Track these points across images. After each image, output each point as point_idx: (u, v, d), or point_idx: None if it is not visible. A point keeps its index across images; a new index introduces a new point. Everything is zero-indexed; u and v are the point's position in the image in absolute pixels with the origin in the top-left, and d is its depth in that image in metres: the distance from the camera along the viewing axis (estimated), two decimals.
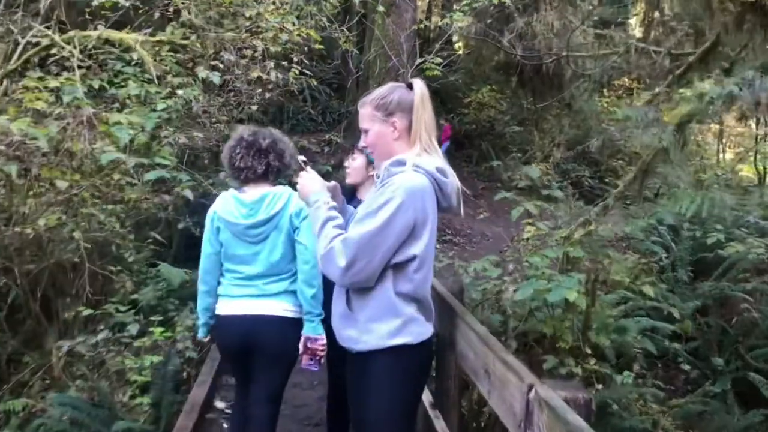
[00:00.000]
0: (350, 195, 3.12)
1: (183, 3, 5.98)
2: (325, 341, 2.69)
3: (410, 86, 2.12)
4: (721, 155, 12.53)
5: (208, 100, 5.93)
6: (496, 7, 9.38)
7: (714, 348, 5.71)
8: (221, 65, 6.03)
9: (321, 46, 6.88)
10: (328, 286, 2.32)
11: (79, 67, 5.22)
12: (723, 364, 5.36)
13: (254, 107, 6.08)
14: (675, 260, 6.38)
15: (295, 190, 2.47)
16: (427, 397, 3.11)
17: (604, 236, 3.94)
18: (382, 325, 1.97)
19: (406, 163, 1.98)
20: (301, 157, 2.30)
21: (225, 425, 4.06)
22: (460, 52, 15.21)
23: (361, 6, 9.02)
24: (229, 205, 2.73)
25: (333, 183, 2.20)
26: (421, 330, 2.02)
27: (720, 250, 6.16)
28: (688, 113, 3.58)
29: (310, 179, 2.14)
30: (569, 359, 3.46)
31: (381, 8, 7.42)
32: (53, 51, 5.35)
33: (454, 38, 14.30)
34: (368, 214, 1.91)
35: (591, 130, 14.78)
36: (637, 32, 13.24)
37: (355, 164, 3.19)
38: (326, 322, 2.55)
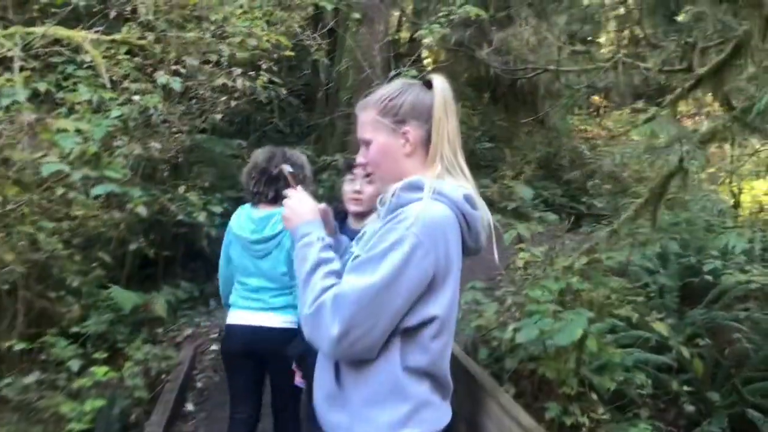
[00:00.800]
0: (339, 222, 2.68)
1: (142, 1, 5.48)
2: None
3: (428, 84, 1.62)
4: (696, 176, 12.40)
5: (167, 107, 5.42)
6: (473, 21, 9.08)
7: (707, 380, 5.38)
8: (183, 70, 5.55)
9: (292, 53, 6.43)
10: None
11: (23, 68, 4.70)
12: (719, 399, 5.03)
13: (218, 116, 5.58)
14: (663, 286, 6.06)
15: None
16: None
17: (609, 266, 3.59)
18: (384, 412, 1.45)
19: (423, 187, 1.48)
20: (288, 168, 1.82)
21: None
22: (429, 68, 14.94)
23: (333, 14, 8.63)
24: (242, 220, 2.97)
25: (323, 206, 1.71)
26: (435, 416, 1.51)
27: (708, 276, 5.88)
28: (710, 130, 3.23)
29: (299, 203, 1.64)
30: (574, 407, 3.06)
31: (356, 15, 7.02)
32: None
33: (424, 53, 14.02)
34: (371, 259, 1.40)
35: (562, 148, 14.66)
36: (608, 50, 13.16)
37: (369, 191, 2.63)
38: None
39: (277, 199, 2.88)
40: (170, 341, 5.39)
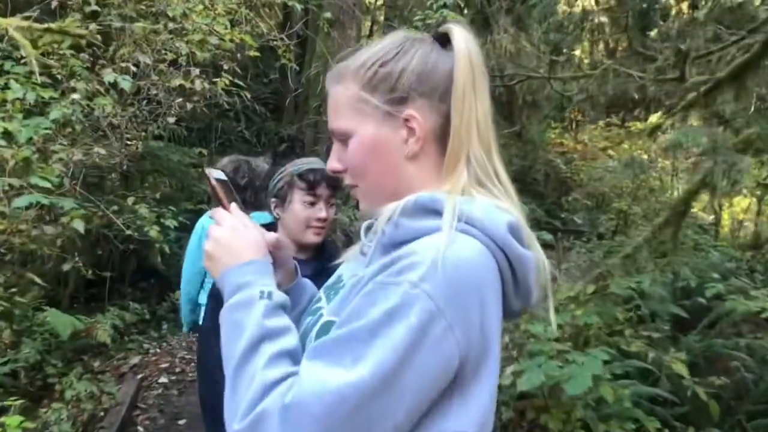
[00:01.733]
0: None
1: None
2: None
3: (442, 40, 1.02)
4: (675, 192, 12.17)
5: (115, 109, 4.83)
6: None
7: (706, 414, 4.96)
8: (134, 68, 4.98)
9: (257, 54, 5.91)
10: None
11: None
12: None
13: (172, 119, 5.02)
14: (654, 310, 5.64)
15: (275, 218, 2.04)
16: None
17: (619, 294, 3.14)
18: None
19: (442, 210, 0.89)
20: (215, 173, 1.11)
21: None
22: None
23: (303, 13, 8.13)
24: None
25: (274, 235, 1.07)
26: None
27: (701, 299, 5.49)
28: (744, 138, 2.80)
29: (232, 231, 1.01)
30: None
31: (328, 14, 6.54)
32: None
33: None
34: (352, 336, 0.81)
35: (537, 162, 14.35)
36: (586, 61, 12.93)
37: (330, 215, 1.97)
38: None
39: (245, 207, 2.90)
40: (114, 372, 4.78)
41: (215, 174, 1.09)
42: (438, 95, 0.98)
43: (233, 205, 1.06)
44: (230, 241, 1.00)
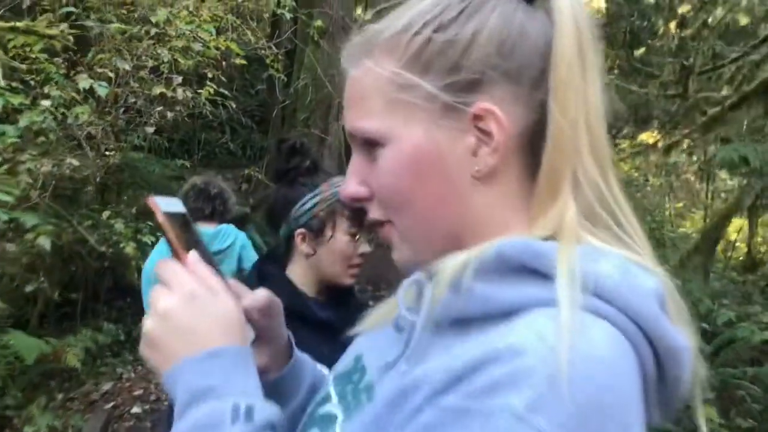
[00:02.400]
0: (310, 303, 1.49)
1: None
2: None
3: None
4: (668, 212, 12.04)
5: (91, 118, 4.52)
6: None
7: None
8: (112, 75, 4.68)
9: (244, 62, 5.65)
10: None
11: None
12: None
13: (151, 129, 4.72)
14: None
15: (242, 228, 2.54)
16: None
17: None
18: None
19: (548, 271, 0.51)
20: (167, 203, 0.68)
21: None
22: None
23: (292, 23, 7.89)
24: None
25: (264, 295, 0.70)
26: None
27: (705, 324, 5.27)
28: None
29: (188, 300, 0.63)
30: None
31: (318, 22, 6.29)
32: None
33: None
34: None
35: None
36: None
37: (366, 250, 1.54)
38: None
39: (212, 216, 3.00)
40: (83, 400, 4.42)
41: (164, 205, 0.67)
42: (529, 78, 0.59)
43: (192, 254, 0.66)
44: (185, 319, 0.63)
